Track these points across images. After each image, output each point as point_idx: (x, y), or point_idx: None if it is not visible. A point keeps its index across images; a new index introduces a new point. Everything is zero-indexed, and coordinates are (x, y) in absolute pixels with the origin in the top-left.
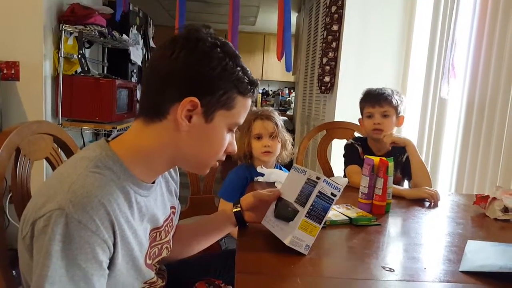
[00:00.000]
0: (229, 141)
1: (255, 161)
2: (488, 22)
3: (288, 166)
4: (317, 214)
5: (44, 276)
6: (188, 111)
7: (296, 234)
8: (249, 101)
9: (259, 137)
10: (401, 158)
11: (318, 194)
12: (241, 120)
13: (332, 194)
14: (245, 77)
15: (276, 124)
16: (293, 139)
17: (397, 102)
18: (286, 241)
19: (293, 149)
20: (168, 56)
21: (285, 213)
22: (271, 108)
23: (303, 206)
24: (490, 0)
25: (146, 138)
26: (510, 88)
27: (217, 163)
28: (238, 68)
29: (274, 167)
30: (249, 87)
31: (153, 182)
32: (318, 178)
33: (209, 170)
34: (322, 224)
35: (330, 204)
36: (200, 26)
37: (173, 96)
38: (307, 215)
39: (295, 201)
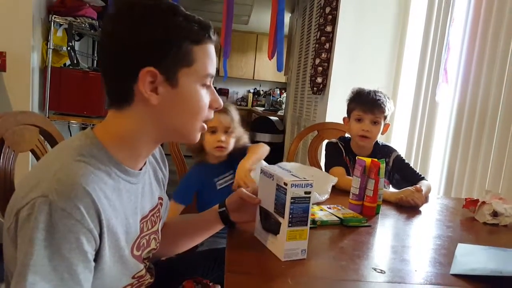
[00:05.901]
0: (211, 97)
1: (209, 157)
2: (480, 26)
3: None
4: (300, 218)
5: (27, 265)
6: (150, 83)
7: (287, 247)
8: (208, 47)
9: (213, 131)
10: (387, 161)
11: (291, 200)
12: (210, 70)
13: (306, 192)
14: (193, 24)
15: (232, 119)
16: (283, 139)
17: (389, 110)
18: (281, 257)
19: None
20: (109, 33)
21: (270, 226)
22: (228, 102)
23: (283, 217)
24: (483, 4)
25: (124, 124)
26: (501, 93)
27: (205, 126)
28: (181, 18)
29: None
30: (201, 32)
31: (140, 170)
32: (285, 184)
33: (199, 135)
34: (309, 224)
35: (308, 203)
36: None
37: (130, 74)
38: (290, 225)
39: (274, 211)
